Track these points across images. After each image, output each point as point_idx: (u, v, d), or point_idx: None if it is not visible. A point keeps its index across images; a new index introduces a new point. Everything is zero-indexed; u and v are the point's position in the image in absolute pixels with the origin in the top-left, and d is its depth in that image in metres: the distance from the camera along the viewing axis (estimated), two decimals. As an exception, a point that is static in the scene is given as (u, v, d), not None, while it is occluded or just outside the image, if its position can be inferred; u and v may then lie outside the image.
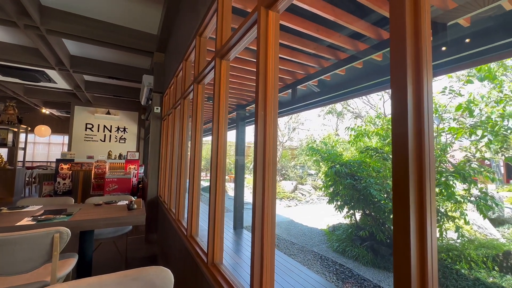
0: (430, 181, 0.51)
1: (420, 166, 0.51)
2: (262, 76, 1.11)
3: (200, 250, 1.83)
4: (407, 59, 0.53)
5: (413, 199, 0.50)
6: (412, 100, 0.52)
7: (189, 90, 2.56)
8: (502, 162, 12.05)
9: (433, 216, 0.51)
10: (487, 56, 2.22)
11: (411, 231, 0.49)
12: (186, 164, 2.79)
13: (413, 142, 0.51)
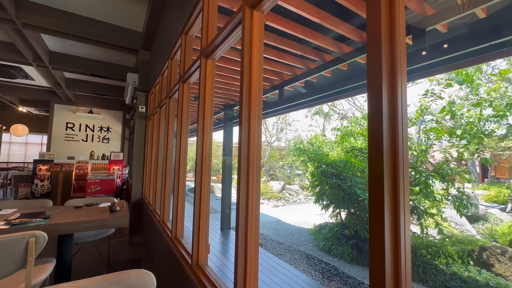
0: (404, 180, 0.53)
1: (394, 164, 0.53)
2: (247, 76, 1.11)
3: (185, 252, 1.80)
4: (383, 64, 0.54)
5: (388, 197, 0.51)
6: (387, 102, 0.54)
7: (174, 90, 2.52)
8: (477, 162, 12.71)
9: (406, 212, 0.53)
10: (464, 60, 2.33)
11: (385, 228, 0.50)
12: (171, 165, 2.74)
13: (387, 142, 0.53)
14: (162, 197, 2.78)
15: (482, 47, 2.10)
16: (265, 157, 15.06)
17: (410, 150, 4.10)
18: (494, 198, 9.56)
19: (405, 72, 0.57)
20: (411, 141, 4.37)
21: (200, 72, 1.69)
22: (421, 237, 4.20)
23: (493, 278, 3.45)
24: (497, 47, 2.05)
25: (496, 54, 2.26)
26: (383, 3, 0.56)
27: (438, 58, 2.32)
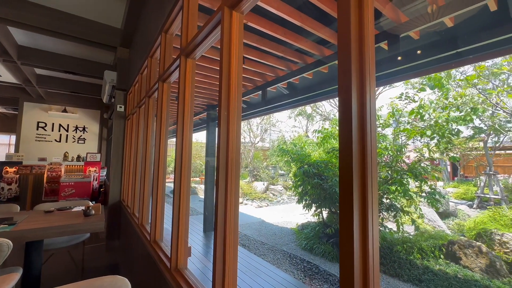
0: (372, 179, 0.55)
1: (363, 164, 0.55)
2: (226, 76, 1.10)
3: (164, 256, 1.76)
4: (352, 70, 0.56)
5: (357, 195, 0.53)
6: (357, 105, 0.56)
7: (154, 89, 2.45)
8: (449, 162, 13.54)
9: (374, 210, 0.55)
10: (435, 66, 2.47)
11: (354, 225, 0.52)
12: (151, 166, 2.66)
13: (357, 142, 0.55)
14: (141, 200, 2.70)
15: (450, 54, 2.24)
16: (249, 157, 15.07)
17: (387, 150, 4.29)
18: (463, 195, 10.22)
19: (373, 76, 0.60)
20: (388, 141, 4.58)
21: (180, 72, 1.66)
22: (397, 233, 4.39)
23: (460, 270, 3.69)
24: (465, 53, 2.20)
25: (463, 61, 2.42)
26: (353, 13, 0.58)
27: (411, 63, 2.44)
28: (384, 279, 3.68)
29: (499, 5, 1.95)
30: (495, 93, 4.40)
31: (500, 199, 7.94)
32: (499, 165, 12.04)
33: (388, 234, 4.64)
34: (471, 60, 2.53)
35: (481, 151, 10.17)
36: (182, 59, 1.65)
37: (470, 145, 10.30)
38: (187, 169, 1.59)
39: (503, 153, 11.47)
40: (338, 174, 0.57)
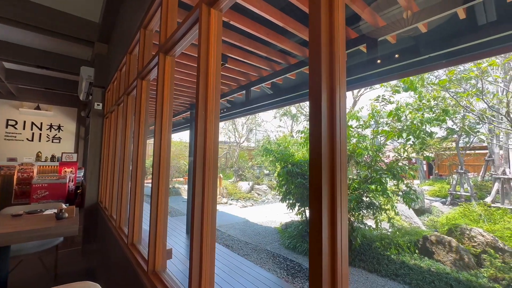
0: (341, 178, 0.56)
1: (332, 164, 0.55)
2: (203, 75, 1.08)
3: (141, 259, 1.70)
4: (322, 75, 0.57)
5: (326, 194, 0.54)
6: (326, 108, 0.57)
7: (132, 86, 2.37)
8: (424, 161, 14.25)
9: (343, 208, 0.56)
10: (411, 69, 2.58)
11: (323, 222, 0.53)
12: (129, 167, 2.57)
13: (326, 144, 0.55)
14: (118, 201, 2.60)
15: (424, 58, 2.35)
16: (234, 157, 15.01)
17: (367, 150, 4.43)
18: (437, 192, 10.80)
19: (344, 80, 0.61)
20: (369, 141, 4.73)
21: (159, 69, 1.61)
22: (376, 230, 4.56)
23: (433, 263, 3.89)
24: (438, 58, 2.32)
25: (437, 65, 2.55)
26: (324, 20, 0.59)
27: (388, 66, 2.53)
28: (364, 274, 3.80)
29: (467, 13, 2.07)
30: (465, 96, 4.70)
31: (470, 196, 8.47)
32: (469, 164, 12.85)
33: (368, 231, 4.80)
34: (444, 65, 2.67)
35: (453, 151, 10.79)
36: (160, 56, 1.61)
37: (444, 145, 10.91)
38: (165, 169, 1.55)
39: (473, 153, 12.26)
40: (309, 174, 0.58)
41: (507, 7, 1.90)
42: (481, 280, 3.49)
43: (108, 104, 3.93)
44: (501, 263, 3.76)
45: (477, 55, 2.27)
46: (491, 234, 4.40)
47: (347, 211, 0.58)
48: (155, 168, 1.55)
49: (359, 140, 4.77)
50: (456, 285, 3.35)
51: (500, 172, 7.31)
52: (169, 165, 1.58)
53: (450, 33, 2.19)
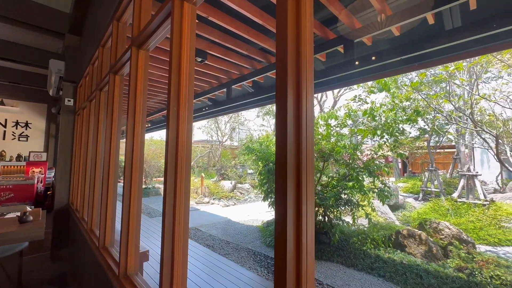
0: (307, 178, 0.56)
1: (298, 164, 0.55)
2: (176, 70, 1.05)
3: (113, 262, 1.63)
4: (288, 79, 0.57)
5: (291, 190, 0.54)
6: (293, 110, 0.57)
7: (105, 81, 2.25)
8: (399, 159, 14.99)
9: (309, 204, 0.56)
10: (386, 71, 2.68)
11: (287, 219, 0.52)
12: (101, 166, 2.44)
13: (292, 144, 0.55)
14: (90, 202, 2.46)
15: (398, 60, 2.45)
16: (217, 156, 14.86)
17: (345, 148, 4.57)
18: (411, 189, 11.40)
19: (311, 81, 0.61)
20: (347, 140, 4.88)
21: (131, 64, 1.54)
22: (353, 225, 4.72)
23: (405, 256, 4.11)
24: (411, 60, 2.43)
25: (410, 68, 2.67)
26: (290, 25, 0.59)
27: (364, 67, 2.61)
28: (342, 269, 3.92)
29: (436, 19, 2.19)
30: (435, 97, 5.00)
31: (439, 192, 9.03)
32: (439, 162, 13.70)
33: (346, 227, 4.95)
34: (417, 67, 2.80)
35: (425, 150, 11.45)
36: (133, 50, 1.54)
37: (417, 144, 11.54)
38: (138, 168, 1.49)
39: (443, 152, 13.08)
40: (275, 173, 0.57)
41: (470, 14, 2.03)
42: (447, 270, 3.74)
43: (80, 100, 3.71)
44: (465, 254, 4.05)
45: (445, 58, 2.41)
46: (456, 227, 4.72)
47: (313, 208, 0.58)
48: (127, 167, 1.49)
49: (338, 139, 4.90)
50: (425, 276, 3.55)
51: (465, 169, 7.85)
52: (142, 164, 1.51)
53: (420, 37, 2.30)
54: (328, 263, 4.20)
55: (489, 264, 3.70)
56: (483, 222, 5.84)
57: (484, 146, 6.93)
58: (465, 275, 3.61)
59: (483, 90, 5.50)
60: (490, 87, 5.68)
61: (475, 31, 1.95)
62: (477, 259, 3.91)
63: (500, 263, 3.84)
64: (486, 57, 4.35)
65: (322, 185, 4.99)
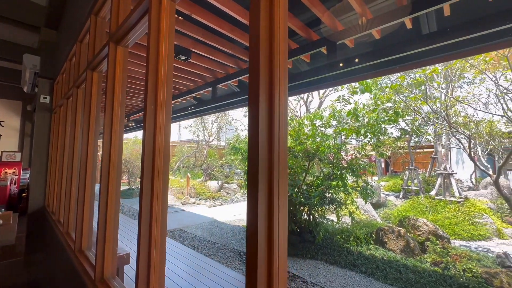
0: (279, 178, 0.56)
1: (270, 164, 0.56)
2: (153, 66, 1.02)
3: (89, 266, 1.57)
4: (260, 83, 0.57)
5: (263, 190, 0.54)
6: (266, 113, 0.57)
7: (82, 78, 2.16)
8: (382, 158, 15.50)
9: (281, 207, 0.56)
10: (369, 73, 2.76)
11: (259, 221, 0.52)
12: (78, 166, 2.35)
13: (265, 145, 0.56)
14: (67, 204, 2.36)
15: (378, 62, 2.53)
16: (203, 156, 14.70)
17: (330, 148, 4.66)
18: (392, 187, 11.82)
19: (284, 86, 0.61)
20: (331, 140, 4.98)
21: (109, 60, 1.49)
22: (337, 223, 4.83)
23: (386, 252, 4.25)
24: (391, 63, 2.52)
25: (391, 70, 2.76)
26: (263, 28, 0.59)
27: (347, 69, 2.68)
28: (325, 267, 4.00)
29: (413, 24, 2.28)
30: (413, 99, 5.22)
31: (419, 190, 9.43)
32: (419, 161, 14.28)
33: (330, 225, 5.06)
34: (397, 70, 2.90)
35: (406, 150, 11.91)
36: (111, 46, 1.48)
37: (398, 144, 11.98)
38: (116, 168, 1.44)
39: (422, 151, 13.66)
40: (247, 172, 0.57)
41: (445, 20, 2.13)
42: (424, 265, 3.91)
43: (57, 97, 3.55)
44: (441, 249, 4.25)
45: (423, 62, 2.52)
46: (433, 224, 4.95)
47: (286, 210, 0.58)
48: (104, 167, 1.44)
49: (323, 139, 4.98)
50: (404, 271, 3.70)
51: (442, 168, 8.24)
52: (120, 164, 1.47)
53: (400, 40, 2.39)
54: (312, 261, 4.26)
55: (462, 258, 3.90)
56: (458, 218, 6.16)
57: (459, 146, 7.32)
58: (440, 269, 3.79)
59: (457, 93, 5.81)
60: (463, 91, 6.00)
61: (449, 36, 2.05)
62: (451, 253, 4.11)
63: (472, 256, 4.06)
64: (460, 61, 4.60)
65: (307, 184, 5.06)
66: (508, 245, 5.38)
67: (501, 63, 3.85)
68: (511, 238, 5.61)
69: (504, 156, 4.28)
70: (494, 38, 1.92)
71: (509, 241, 5.60)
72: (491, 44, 1.94)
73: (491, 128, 5.75)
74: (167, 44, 1.04)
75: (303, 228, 4.80)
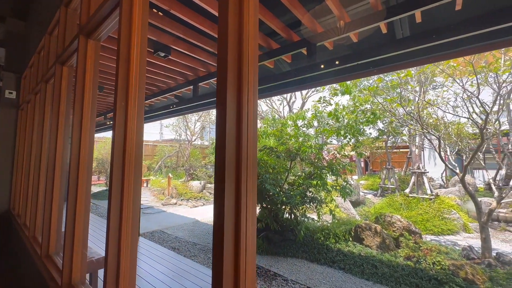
0: (248, 177, 0.56)
1: (238, 163, 0.55)
2: (124, 60, 0.98)
3: (56, 271, 1.48)
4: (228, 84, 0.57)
5: (231, 193, 0.53)
6: (235, 113, 0.57)
7: (51, 72, 2.04)
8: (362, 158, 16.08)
9: (249, 207, 0.56)
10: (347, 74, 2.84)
11: (225, 221, 0.52)
12: (46, 165, 2.21)
13: (232, 145, 0.55)
14: (33, 206, 2.21)
15: (356, 65, 2.61)
16: (185, 156, 14.43)
17: (311, 148, 4.76)
18: (371, 186, 12.29)
19: (253, 84, 0.61)
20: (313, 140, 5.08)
21: (79, 54, 1.41)
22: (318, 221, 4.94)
23: (363, 248, 4.42)
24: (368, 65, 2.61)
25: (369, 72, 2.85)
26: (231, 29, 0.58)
27: (327, 70, 2.74)
28: (305, 264, 4.07)
29: (388, 28, 2.38)
30: (389, 101, 5.47)
31: (395, 188, 9.88)
32: (395, 161, 14.97)
33: (311, 224, 5.15)
34: (375, 72, 3.01)
35: (384, 150, 12.44)
36: (81, 39, 1.41)
37: (376, 144, 12.48)
38: (86, 168, 1.37)
39: (398, 151, 14.34)
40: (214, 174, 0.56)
41: (417, 26, 2.25)
42: (398, 259, 4.11)
43: (24, 92, 3.32)
44: (413, 244, 4.49)
45: (398, 65, 2.63)
46: (407, 220, 5.21)
47: (255, 210, 0.58)
48: (73, 166, 1.36)
49: (305, 139, 5.07)
50: (379, 266, 3.85)
51: (416, 167, 8.69)
52: (91, 162, 1.40)
53: (376, 44, 2.48)
54: (293, 259, 4.32)
55: (432, 251, 4.14)
56: (429, 215, 6.53)
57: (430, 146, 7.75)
58: (412, 263, 3.99)
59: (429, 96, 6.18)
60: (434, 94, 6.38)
61: (421, 41, 2.16)
62: (422, 248, 4.35)
63: (441, 250, 4.32)
64: (432, 66, 4.88)
65: (289, 183, 5.13)
66: (473, 238, 5.79)
67: (467, 69, 4.14)
68: (475, 232, 6.04)
69: (470, 155, 4.60)
70: (460, 45, 2.05)
71: (474, 234, 6.03)
72: (457, 50, 2.07)
73: (459, 130, 6.17)
74: (140, 38, 1.00)
75: (285, 227, 4.85)
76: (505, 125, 7.88)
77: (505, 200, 7.01)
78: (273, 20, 2.39)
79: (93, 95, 1.43)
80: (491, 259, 4.05)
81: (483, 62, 4.19)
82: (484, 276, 3.57)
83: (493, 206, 4.55)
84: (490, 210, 4.42)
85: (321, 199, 4.77)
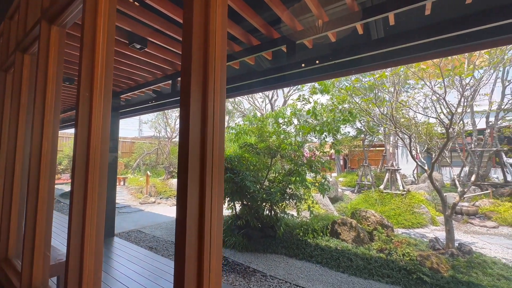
0: (213, 175, 0.55)
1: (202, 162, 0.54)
2: (88, 50, 0.92)
3: (15, 275, 1.37)
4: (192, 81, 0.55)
5: (194, 192, 0.52)
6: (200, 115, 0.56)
7: (11, 60, 1.87)
8: (341, 156, 16.61)
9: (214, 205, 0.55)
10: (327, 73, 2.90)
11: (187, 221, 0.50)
12: (4, 162, 2.04)
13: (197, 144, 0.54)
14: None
15: (334, 64, 2.67)
16: (165, 153, 14.04)
17: (291, 145, 4.83)
18: (349, 183, 12.75)
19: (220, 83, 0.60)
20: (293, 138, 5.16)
21: (40, 41, 1.31)
22: (297, 217, 5.04)
23: (340, 243, 4.58)
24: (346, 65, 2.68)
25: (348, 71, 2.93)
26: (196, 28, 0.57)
27: (306, 68, 2.78)
28: (284, 260, 4.15)
29: (364, 30, 2.45)
30: (366, 101, 5.71)
31: (371, 184, 10.33)
32: (372, 158, 15.64)
33: (291, 220, 5.25)
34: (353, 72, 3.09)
35: (361, 148, 12.94)
36: (43, 24, 1.30)
37: (355, 143, 12.95)
38: (49, 164, 1.28)
39: (375, 150, 15.00)
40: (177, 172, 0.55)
41: (391, 28, 2.34)
42: (372, 252, 4.31)
43: (-19, 82, 3.02)
44: (385, 237, 4.73)
45: (374, 66, 2.73)
46: (380, 214, 5.47)
47: (221, 211, 0.57)
48: (34, 162, 1.26)
49: (285, 137, 5.13)
50: (354, 259, 4.02)
51: (389, 164, 9.15)
52: (54, 159, 1.31)
53: (353, 44, 2.56)
54: (273, 255, 4.38)
55: (402, 244, 4.39)
56: (401, 209, 6.91)
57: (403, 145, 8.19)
58: (384, 255, 4.21)
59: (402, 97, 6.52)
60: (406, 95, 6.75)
61: (393, 43, 2.25)
62: (394, 240, 4.60)
63: (410, 242, 4.60)
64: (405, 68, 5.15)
65: (269, 180, 5.17)
66: (439, 230, 6.22)
67: (436, 72, 4.41)
68: (442, 224, 6.49)
69: (437, 153, 4.92)
70: (429, 49, 2.17)
71: (440, 227, 6.48)
72: (426, 54, 2.19)
73: (428, 129, 6.57)
74: (106, 25, 0.95)
75: (265, 224, 4.89)
76: (469, 126, 8.53)
77: (467, 195, 7.58)
78: (253, 17, 2.37)
79: (57, 86, 1.33)
80: (454, 249, 4.37)
81: (450, 65, 4.48)
82: (448, 265, 3.85)
83: (456, 200, 4.91)
84: (454, 204, 4.77)
85: (300, 195, 4.87)
